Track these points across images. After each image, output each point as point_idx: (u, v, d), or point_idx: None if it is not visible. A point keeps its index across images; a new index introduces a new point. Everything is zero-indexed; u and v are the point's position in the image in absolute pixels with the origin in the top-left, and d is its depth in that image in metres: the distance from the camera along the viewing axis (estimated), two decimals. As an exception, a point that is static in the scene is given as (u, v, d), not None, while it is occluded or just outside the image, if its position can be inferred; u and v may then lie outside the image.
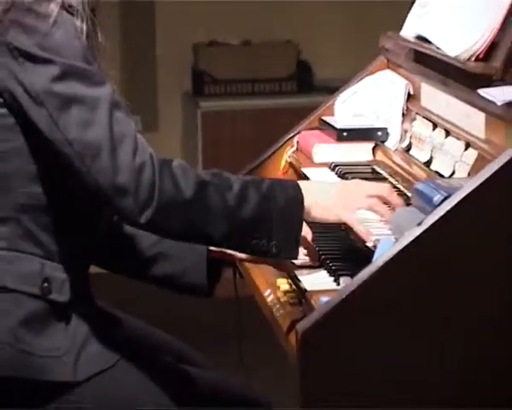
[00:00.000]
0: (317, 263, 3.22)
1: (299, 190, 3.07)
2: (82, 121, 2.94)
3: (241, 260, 3.40)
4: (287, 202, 3.03)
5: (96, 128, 2.93)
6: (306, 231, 3.14)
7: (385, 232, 3.01)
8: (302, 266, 3.21)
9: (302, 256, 3.20)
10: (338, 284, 3.02)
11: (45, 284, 3.12)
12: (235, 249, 3.19)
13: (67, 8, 3.00)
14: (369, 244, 3.04)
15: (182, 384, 3.26)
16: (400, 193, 3.21)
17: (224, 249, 3.36)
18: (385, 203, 3.13)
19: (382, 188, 3.19)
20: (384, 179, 3.34)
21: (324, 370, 2.71)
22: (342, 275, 3.04)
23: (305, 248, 3.18)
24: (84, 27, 3.04)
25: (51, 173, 3.10)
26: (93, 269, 3.40)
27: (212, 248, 3.40)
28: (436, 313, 2.73)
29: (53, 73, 2.95)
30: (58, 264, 3.16)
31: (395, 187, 3.25)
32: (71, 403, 3.12)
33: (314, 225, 3.20)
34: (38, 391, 3.10)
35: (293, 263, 3.20)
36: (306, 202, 3.05)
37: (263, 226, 3.01)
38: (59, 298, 3.14)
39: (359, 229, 3.09)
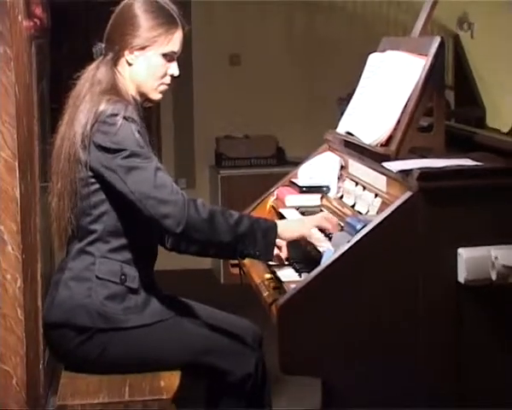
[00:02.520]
0: (286, 263, 3.21)
1: (275, 222, 3.13)
2: (138, 180, 3.03)
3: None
4: (266, 226, 3.08)
5: (146, 183, 3.02)
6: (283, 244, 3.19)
7: (328, 246, 2.99)
8: (279, 264, 3.20)
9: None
10: (300, 277, 3.01)
11: (123, 277, 3.18)
12: (232, 254, 3.25)
13: (127, 119, 3.06)
14: (320, 249, 3.03)
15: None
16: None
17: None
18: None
19: (322, 214, 3.26)
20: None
21: (293, 328, 2.70)
22: (303, 272, 3.04)
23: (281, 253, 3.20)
24: (138, 128, 3.10)
25: (122, 211, 3.16)
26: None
27: None
28: (359, 295, 2.73)
29: (121, 156, 3.04)
30: (131, 266, 3.20)
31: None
32: (129, 340, 3.19)
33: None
34: (115, 334, 3.18)
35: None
36: (279, 229, 3.09)
37: (251, 240, 3.05)
38: (131, 285, 3.19)
39: (314, 238, 3.13)
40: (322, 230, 3.19)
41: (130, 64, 3.23)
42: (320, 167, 3.65)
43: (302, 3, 7.49)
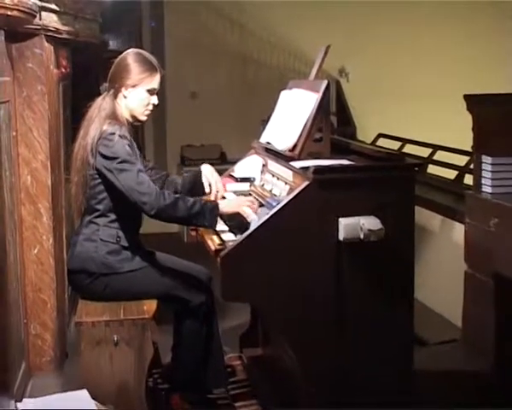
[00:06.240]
0: (227, 229, 3.14)
1: (217, 203, 3.07)
2: (127, 178, 2.95)
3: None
4: (211, 206, 3.03)
5: (131, 180, 2.95)
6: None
7: (255, 218, 2.94)
8: (222, 230, 3.12)
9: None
10: (236, 237, 2.93)
11: (118, 238, 3.11)
12: (188, 224, 3.20)
13: (121, 136, 3.01)
14: (248, 219, 2.98)
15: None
16: (260, 202, 3.13)
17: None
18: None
19: (251, 198, 3.17)
20: (254, 196, 3.25)
21: (231, 270, 2.67)
22: (238, 234, 2.96)
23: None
24: (128, 143, 3.04)
25: (116, 197, 3.07)
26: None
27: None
28: (274, 249, 2.70)
29: (116, 161, 2.98)
30: (123, 231, 3.13)
31: (258, 200, 3.18)
32: (123, 279, 3.14)
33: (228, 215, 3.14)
34: (113, 277, 3.12)
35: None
36: (220, 207, 3.05)
37: (201, 216, 3.00)
38: (124, 244, 3.12)
39: (244, 213, 3.06)
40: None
41: (125, 97, 3.18)
42: (249, 165, 3.60)
43: (239, 58, 7.50)
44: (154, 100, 3.22)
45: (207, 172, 3.35)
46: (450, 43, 7.62)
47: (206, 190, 3.33)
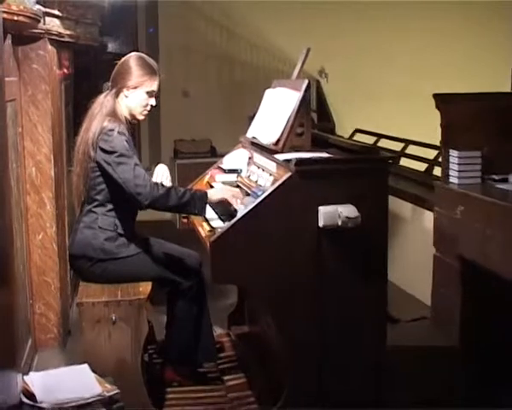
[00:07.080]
0: (216, 216, 3.14)
1: (206, 192, 3.02)
2: (124, 170, 2.92)
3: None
4: (200, 195, 2.99)
5: (128, 173, 2.92)
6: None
7: (241, 206, 2.93)
8: (212, 218, 3.13)
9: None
10: (224, 224, 2.92)
11: (115, 226, 3.08)
12: (179, 212, 3.21)
13: (119, 133, 2.98)
14: (236, 207, 2.97)
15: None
16: (246, 192, 3.12)
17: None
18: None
19: (237, 190, 3.13)
20: (241, 187, 3.24)
21: (220, 254, 2.65)
22: (226, 221, 2.96)
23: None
24: (126, 139, 3.01)
25: (114, 188, 3.03)
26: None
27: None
28: (259, 235, 2.69)
29: (114, 155, 2.94)
30: (120, 220, 3.10)
31: (244, 189, 3.17)
32: (120, 264, 3.11)
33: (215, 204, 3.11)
34: (111, 261, 3.09)
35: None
36: (208, 195, 3.01)
37: (191, 204, 2.96)
38: (120, 231, 3.09)
39: (231, 200, 3.03)
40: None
41: (126, 97, 3.14)
42: (236, 157, 3.59)
43: (227, 59, 7.50)
44: (152, 102, 3.18)
45: (159, 170, 3.34)
46: (422, 46, 7.65)
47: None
